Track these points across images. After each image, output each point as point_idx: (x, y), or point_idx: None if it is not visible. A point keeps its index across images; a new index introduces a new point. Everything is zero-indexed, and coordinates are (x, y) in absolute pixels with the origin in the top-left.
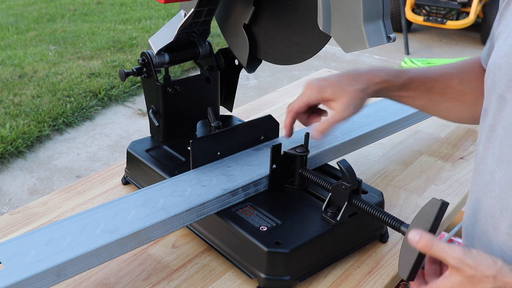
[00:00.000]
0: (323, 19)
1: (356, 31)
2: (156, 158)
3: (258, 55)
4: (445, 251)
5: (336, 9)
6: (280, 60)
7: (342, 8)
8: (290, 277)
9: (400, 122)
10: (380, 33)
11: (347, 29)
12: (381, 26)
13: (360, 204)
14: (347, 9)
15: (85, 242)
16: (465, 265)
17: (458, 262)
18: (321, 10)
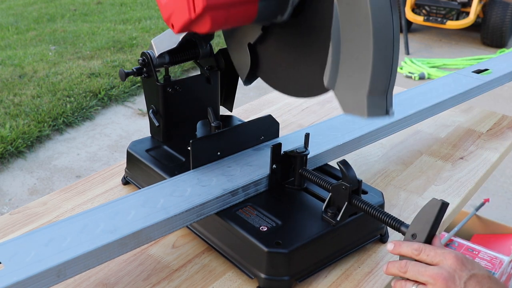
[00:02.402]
0: (329, 76)
1: (358, 100)
2: (156, 158)
3: (258, 74)
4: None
5: (344, 72)
6: (279, 88)
7: (350, 74)
8: (290, 277)
9: (400, 122)
10: (381, 107)
11: (350, 94)
12: (384, 101)
13: (360, 204)
14: (355, 78)
15: (85, 242)
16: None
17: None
18: (329, 68)
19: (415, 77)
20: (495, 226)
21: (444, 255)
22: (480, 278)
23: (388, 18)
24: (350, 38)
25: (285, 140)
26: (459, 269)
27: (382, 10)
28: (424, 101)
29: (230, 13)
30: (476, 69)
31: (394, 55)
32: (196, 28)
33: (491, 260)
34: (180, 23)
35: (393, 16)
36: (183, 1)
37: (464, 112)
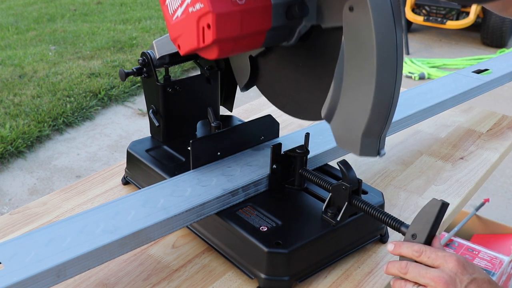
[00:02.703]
0: (327, 110)
1: (352, 138)
2: (156, 158)
3: (256, 84)
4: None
5: (342, 110)
6: (275, 103)
7: (348, 112)
8: (290, 278)
9: (400, 122)
10: (373, 148)
11: (345, 131)
12: (376, 143)
13: (360, 205)
14: (352, 118)
15: (85, 242)
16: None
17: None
18: (329, 102)
19: (415, 77)
20: (495, 226)
21: (445, 258)
22: (481, 283)
23: (393, 69)
24: (353, 79)
25: (285, 140)
26: (460, 273)
27: (388, 60)
28: (424, 101)
29: (238, 43)
30: (476, 69)
31: (394, 102)
32: (203, 54)
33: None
34: (187, 47)
35: (397, 67)
36: (193, 29)
37: (464, 112)
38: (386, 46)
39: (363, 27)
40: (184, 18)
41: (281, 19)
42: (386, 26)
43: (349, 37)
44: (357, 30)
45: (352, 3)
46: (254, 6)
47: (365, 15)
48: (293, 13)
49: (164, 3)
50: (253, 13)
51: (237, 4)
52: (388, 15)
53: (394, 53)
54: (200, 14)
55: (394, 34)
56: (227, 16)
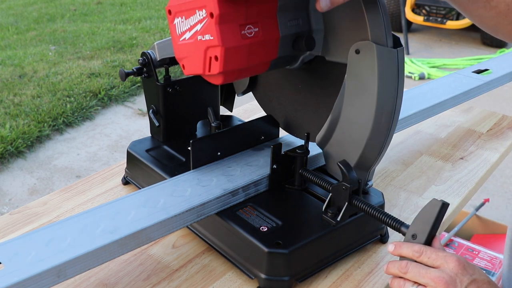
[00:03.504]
0: (322, 137)
1: None
2: (156, 158)
3: (253, 92)
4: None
5: (336, 141)
6: (272, 113)
7: (342, 145)
8: (290, 278)
9: (400, 122)
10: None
11: (337, 159)
12: (365, 175)
13: (361, 205)
14: (344, 150)
15: (85, 242)
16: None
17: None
18: (324, 131)
19: (415, 77)
20: (495, 226)
21: (446, 258)
22: (481, 283)
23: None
24: (351, 116)
25: (285, 140)
26: (461, 273)
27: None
28: (424, 101)
29: (243, 73)
30: (476, 69)
31: (387, 142)
32: (207, 78)
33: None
34: (192, 71)
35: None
36: (200, 57)
37: (464, 112)
38: (386, 93)
39: (367, 71)
40: (192, 43)
41: (288, 50)
42: (389, 75)
43: (352, 77)
44: (361, 73)
45: (359, 47)
46: (263, 39)
47: (370, 61)
48: (300, 46)
49: (172, 22)
50: (261, 46)
51: (246, 37)
52: (393, 65)
53: (394, 100)
54: (209, 45)
55: (396, 82)
56: (236, 50)
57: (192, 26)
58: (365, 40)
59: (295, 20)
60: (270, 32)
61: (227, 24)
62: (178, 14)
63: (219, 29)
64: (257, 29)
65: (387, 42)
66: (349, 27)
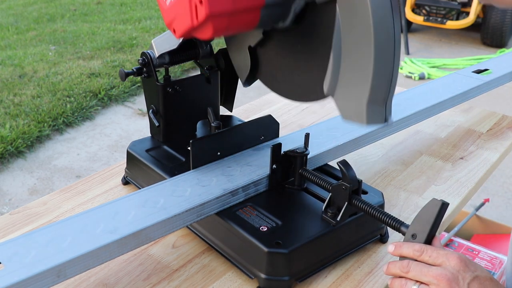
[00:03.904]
0: (329, 84)
1: (358, 107)
2: (156, 158)
3: (257, 77)
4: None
5: (344, 80)
6: (278, 91)
7: (351, 82)
8: (290, 277)
9: (400, 122)
10: (380, 115)
11: (349, 102)
12: (383, 109)
13: (360, 205)
14: (355, 85)
15: (85, 242)
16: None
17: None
18: (329, 76)
19: (415, 77)
20: (495, 226)
21: (447, 256)
22: (483, 280)
23: (390, 30)
24: (351, 48)
25: (285, 140)
26: (463, 270)
27: (384, 21)
28: (424, 101)
29: (232, 20)
30: (476, 69)
31: (395, 66)
32: (198, 34)
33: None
34: (182, 29)
35: (394, 28)
36: (186, 8)
37: (464, 112)
38: (381, 9)
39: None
40: (177, 0)
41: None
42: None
43: (343, 7)
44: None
45: None
46: None
47: None
48: None
49: None
50: None
51: None
52: None
53: (390, 15)
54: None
55: (389, 2)
56: None
57: None
58: None
59: None
60: None
61: None
62: None
63: None
64: None
65: None
66: None
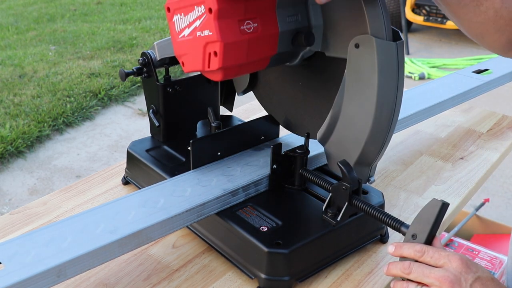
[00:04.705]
0: (323, 134)
1: None
2: (156, 158)
3: (253, 92)
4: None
5: (338, 137)
6: (270, 112)
7: (343, 141)
8: (290, 278)
9: (400, 122)
10: (363, 175)
11: (338, 157)
12: (367, 171)
13: (361, 205)
14: (346, 147)
15: (85, 242)
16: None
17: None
18: (325, 127)
19: (415, 77)
20: (495, 226)
21: (449, 257)
22: (485, 281)
23: (390, 109)
24: (351, 112)
25: (285, 140)
26: (465, 272)
27: (387, 100)
28: (424, 101)
29: (243, 69)
30: (476, 69)
31: (389, 135)
32: (207, 75)
33: (491, 260)
34: (192, 68)
35: (395, 108)
36: (199, 53)
37: (464, 112)
38: (387, 87)
39: (366, 65)
40: (191, 40)
41: (287, 46)
42: (389, 68)
43: (352, 72)
44: (360, 67)
45: (358, 41)
46: (262, 34)
47: (370, 54)
48: (299, 42)
49: (171, 20)
50: (260, 41)
51: (245, 33)
52: (393, 58)
53: (394, 94)
54: (208, 40)
55: (397, 75)
56: (235, 45)
57: (191, 22)
58: (365, 34)
59: (294, 15)
60: (269, 27)
61: (225, 19)
62: (177, 11)
63: (218, 24)
64: (256, 25)
65: (386, 36)
66: (348, 21)
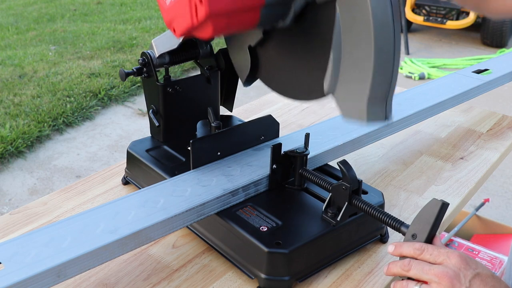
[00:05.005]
0: (329, 82)
1: (358, 106)
2: (156, 158)
3: (257, 76)
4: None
5: (344, 79)
6: (279, 90)
7: (351, 80)
8: (290, 277)
9: (400, 122)
10: (381, 114)
11: (350, 100)
12: (383, 108)
13: (360, 205)
14: (355, 84)
15: (85, 242)
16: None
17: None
18: (330, 74)
19: (415, 77)
20: (495, 226)
21: (448, 254)
22: (484, 277)
23: (389, 28)
24: (351, 46)
25: (285, 140)
26: (464, 268)
27: (384, 20)
28: (424, 101)
29: (232, 19)
30: (476, 69)
31: (395, 63)
32: (198, 33)
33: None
34: (182, 28)
35: (394, 26)
36: (186, 7)
37: (464, 112)
38: (381, 8)
39: None
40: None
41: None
42: None
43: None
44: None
45: None
46: None
47: None
48: None
49: None
50: None
51: None
52: None
53: (390, 13)
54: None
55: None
56: None
57: None
58: None
59: None
60: None
61: None
62: None
63: None
64: None
65: None
66: None
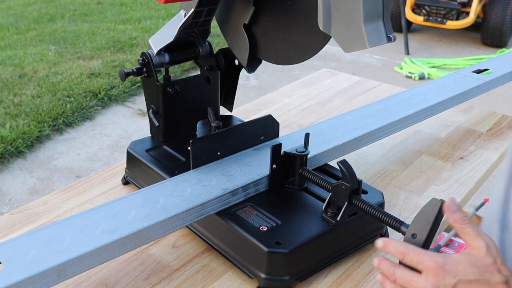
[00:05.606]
0: (323, 19)
1: (356, 31)
2: (156, 158)
3: (258, 55)
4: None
5: (336, 9)
6: (280, 60)
7: (342, 8)
8: (290, 277)
9: (400, 122)
10: (380, 33)
11: (347, 29)
12: (381, 26)
13: (360, 204)
14: (347, 9)
15: (85, 242)
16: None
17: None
18: (321, 10)
19: (415, 77)
20: None
21: (426, 264)
22: (467, 283)
23: None
24: None
25: (285, 140)
26: (442, 278)
27: None
28: (424, 101)
29: None
30: (476, 69)
31: None
32: None
33: None
34: None
35: None
36: None
37: (464, 112)
38: None
39: None
40: None
41: None
42: None
43: None
44: None
45: None
46: None
47: None
48: None
49: None
50: None
51: None
52: None
53: None
54: None
55: None
56: None
57: None
58: None
59: None
60: None
61: None
62: None
63: None
64: None
65: None
66: None
